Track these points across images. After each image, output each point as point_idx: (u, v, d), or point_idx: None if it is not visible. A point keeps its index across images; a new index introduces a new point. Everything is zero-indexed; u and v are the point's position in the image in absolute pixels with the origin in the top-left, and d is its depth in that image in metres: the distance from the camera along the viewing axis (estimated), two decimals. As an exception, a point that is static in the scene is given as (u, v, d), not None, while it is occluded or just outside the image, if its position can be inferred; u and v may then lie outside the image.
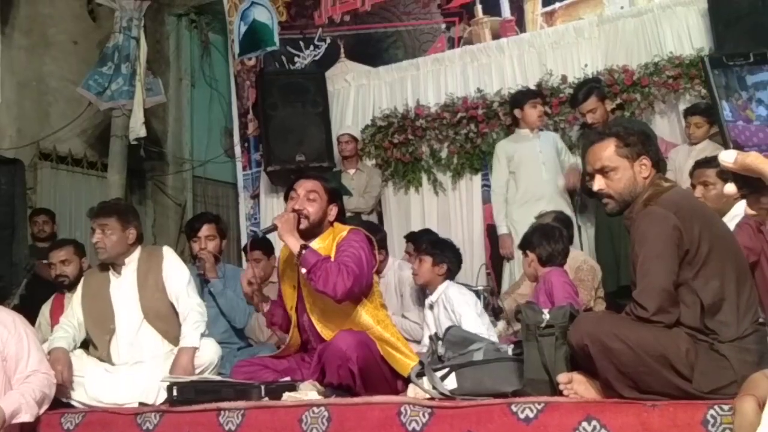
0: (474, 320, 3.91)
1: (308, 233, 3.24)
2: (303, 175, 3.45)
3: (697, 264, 2.45)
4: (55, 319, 4.19)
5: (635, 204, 2.61)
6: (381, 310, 3.31)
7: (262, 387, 3.07)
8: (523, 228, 5.10)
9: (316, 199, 3.26)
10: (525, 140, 5.50)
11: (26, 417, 3.08)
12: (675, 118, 5.51)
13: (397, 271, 4.71)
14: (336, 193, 3.41)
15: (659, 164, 2.73)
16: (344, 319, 3.19)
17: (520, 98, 5.61)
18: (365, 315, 3.20)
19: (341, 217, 3.43)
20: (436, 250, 4.19)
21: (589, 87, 5.23)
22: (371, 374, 3.05)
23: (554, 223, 4.71)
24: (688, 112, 5.14)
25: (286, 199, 3.38)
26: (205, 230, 4.44)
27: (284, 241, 3.18)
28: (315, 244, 3.23)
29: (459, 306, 4.01)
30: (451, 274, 4.20)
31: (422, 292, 4.44)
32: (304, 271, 3.07)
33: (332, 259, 3.13)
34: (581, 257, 4.69)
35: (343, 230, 3.30)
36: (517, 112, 5.58)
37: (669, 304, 2.42)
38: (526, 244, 3.95)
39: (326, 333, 3.21)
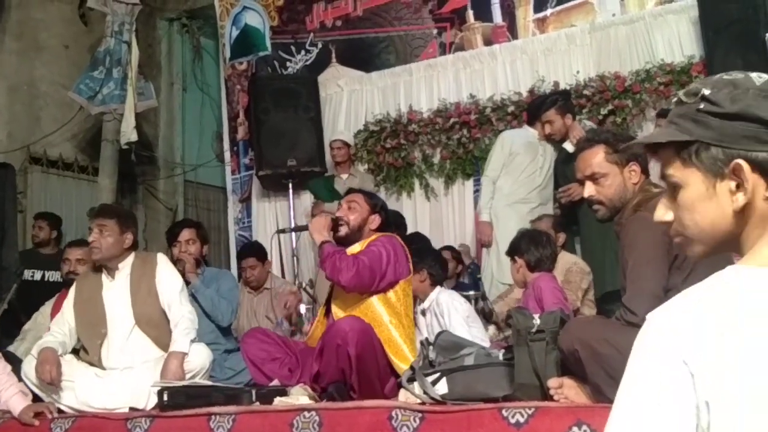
0: (461, 326, 3.92)
1: (348, 240, 3.52)
2: (351, 189, 3.90)
3: (687, 269, 2.46)
4: (54, 316, 4.16)
5: (625, 210, 2.63)
6: (401, 314, 3.44)
7: (253, 391, 3.08)
8: (502, 224, 5.18)
9: (356, 208, 3.57)
10: (531, 142, 5.32)
11: None
12: (666, 125, 5.53)
13: None
14: (379, 206, 3.68)
15: (648, 170, 2.74)
16: (357, 305, 3.39)
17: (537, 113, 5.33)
18: (378, 304, 3.38)
19: (385, 228, 3.64)
20: (414, 259, 4.17)
21: (553, 99, 5.21)
22: (367, 364, 3.12)
23: (552, 227, 4.72)
24: (659, 114, 5.14)
25: None
26: (185, 234, 4.48)
27: (313, 237, 3.51)
28: (353, 248, 3.45)
29: (447, 311, 4.02)
30: (434, 280, 4.19)
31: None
32: (320, 260, 3.33)
33: (346, 252, 3.38)
34: (572, 259, 4.68)
35: (378, 235, 3.51)
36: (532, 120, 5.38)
37: (659, 309, 2.43)
38: (514, 250, 3.95)
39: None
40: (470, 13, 6.56)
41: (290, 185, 6.50)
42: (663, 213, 1.15)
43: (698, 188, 1.08)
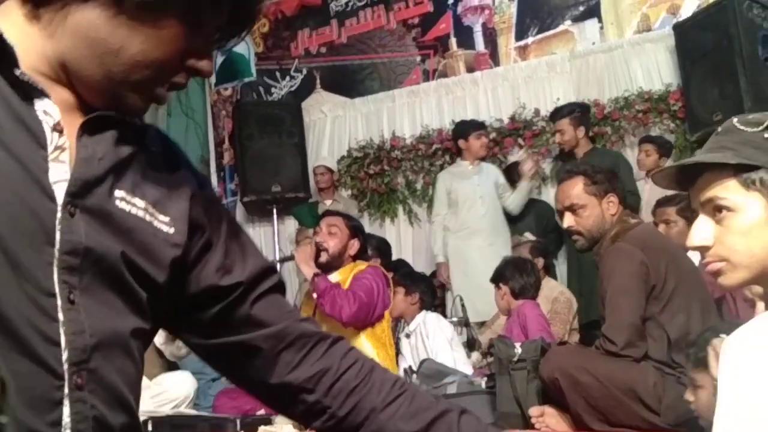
0: (444, 349, 3.96)
1: (329, 266, 3.49)
2: (328, 212, 3.85)
3: (664, 299, 2.52)
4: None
5: (603, 240, 2.69)
6: (386, 345, 3.47)
7: (237, 420, 3.09)
8: (458, 258, 5.35)
9: (336, 233, 3.53)
10: (464, 173, 5.57)
11: None
12: (645, 152, 5.62)
13: None
14: (358, 230, 3.66)
15: (626, 201, 2.81)
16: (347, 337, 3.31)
17: (464, 129, 5.66)
18: (366, 342, 3.38)
19: (363, 254, 3.65)
20: (407, 281, 4.25)
21: (570, 108, 5.37)
22: None
23: (530, 252, 4.79)
24: (644, 140, 5.29)
25: (314, 234, 3.71)
26: None
27: (300, 269, 3.47)
28: (334, 276, 3.44)
29: (432, 332, 4.06)
30: (424, 304, 4.24)
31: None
32: (315, 296, 3.29)
33: (341, 286, 3.36)
34: (557, 288, 4.74)
35: (362, 265, 3.52)
36: (461, 142, 5.62)
37: (637, 338, 2.48)
38: (498, 278, 4.01)
39: None
40: (453, 41, 6.66)
41: (275, 211, 6.52)
42: (702, 238, 1.15)
43: (758, 213, 1.10)
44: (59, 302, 0.80)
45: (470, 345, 4.41)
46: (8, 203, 0.77)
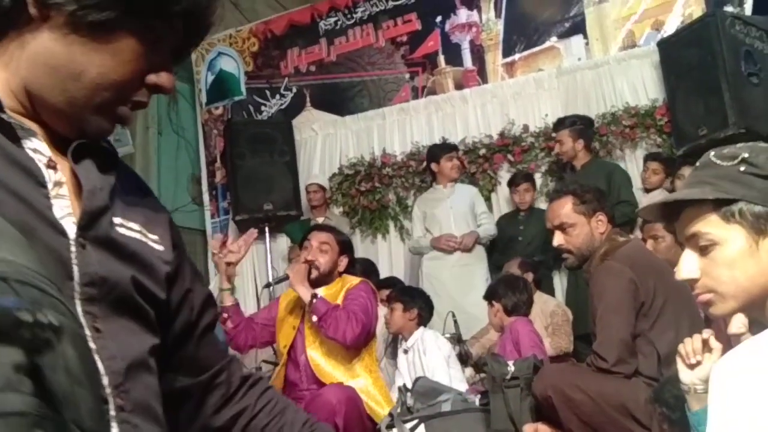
0: (441, 366, 3.99)
1: (318, 282, 3.47)
2: (317, 226, 3.83)
3: (653, 315, 2.57)
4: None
5: (593, 258, 2.74)
6: (375, 363, 3.49)
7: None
8: (430, 278, 5.44)
9: (327, 250, 3.51)
10: (438, 196, 5.69)
11: None
12: (633, 166, 5.69)
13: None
14: (347, 246, 3.66)
15: (623, 211, 2.86)
16: (343, 364, 3.36)
17: (436, 152, 5.78)
18: (360, 367, 3.37)
19: (351, 269, 3.65)
20: (405, 297, 4.28)
21: (570, 120, 5.44)
22: (354, 428, 3.14)
23: (519, 267, 4.84)
24: (649, 158, 5.35)
25: (300, 247, 3.67)
26: None
27: (296, 290, 3.41)
28: (322, 291, 3.43)
29: (429, 351, 4.09)
30: (422, 320, 4.28)
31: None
32: (315, 318, 3.26)
33: (340, 306, 3.34)
34: (553, 302, 4.79)
35: (353, 281, 3.52)
36: (433, 166, 5.74)
37: (627, 355, 2.52)
38: (491, 295, 4.05)
39: (322, 373, 3.34)
40: (441, 58, 6.72)
41: (267, 229, 6.55)
42: (688, 271, 1.19)
43: (740, 245, 1.14)
44: (88, 332, 0.83)
45: (463, 360, 4.45)
46: (33, 243, 0.78)
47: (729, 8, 5.32)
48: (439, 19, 6.74)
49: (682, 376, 1.86)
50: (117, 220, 0.91)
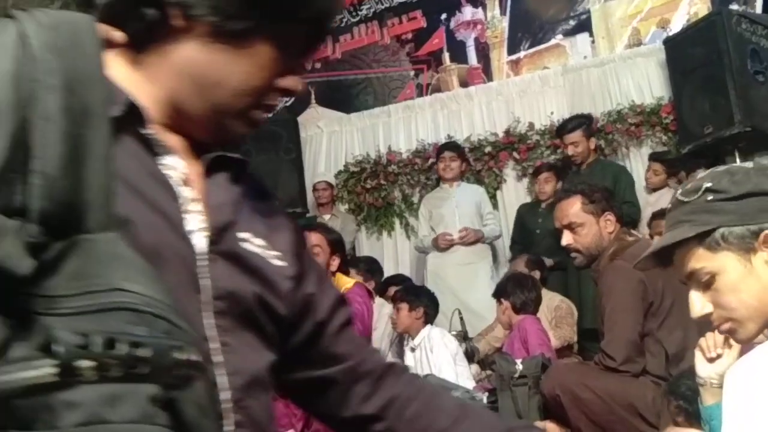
0: (448, 363, 4.01)
1: None
2: (306, 227, 3.65)
3: (661, 315, 2.58)
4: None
5: (602, 258, 2.75)
6: None
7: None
8: (434, 275, 5.46)
9: (319, 253, 3.42)
10: (444, 195, 5.75)
11: None
12: (639, 164, 5.70)
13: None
14: (338, 244, 3.59)
15: (625, 212, 2.88)
16: None
17: (438, 153, 5.85)
18: None
19: (343, 267, 3.60)
20: (410, 296, 4.29)
21: (579, 121, 5.42)
22: None
23: (526, 265, 4.85)
24: (652, 158, 5.36)
25: None
26: None
27: None
28: None
29: (436, 348, 4.11)
30: (429, 318, 4.29)
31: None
32: None
33: None
34: (557, 297, 4.81)
35: (346, 283, 3.48)
36: (436, 167, 5.86)
37: (635, 354, 2.54)
38: (500, 293, 4.06)
39: None
40: (446, 55, 6.74)
41: (272, 226, 6.54)
42: (700, 307, 1.22)
43: (736, 268, 1.16)
44: (213, 345, 0.84)
45: (469, 357, 4.47)
46: (166, 255, 0.81)
47: (735, 6, 5.32)
48: (444, 16, 6.75)
49: (700, 369, 1.89)
50: (242, 234, 0.92)
